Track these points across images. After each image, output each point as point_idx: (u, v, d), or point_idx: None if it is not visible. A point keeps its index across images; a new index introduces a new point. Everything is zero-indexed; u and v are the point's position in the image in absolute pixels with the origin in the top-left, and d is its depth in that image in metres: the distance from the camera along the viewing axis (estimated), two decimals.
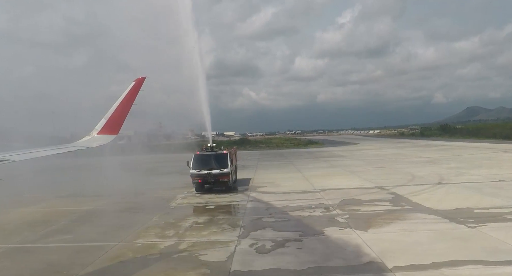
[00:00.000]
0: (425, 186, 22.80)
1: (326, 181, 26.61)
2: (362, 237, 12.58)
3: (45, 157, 8.88)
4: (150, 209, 19.35)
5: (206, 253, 11.62)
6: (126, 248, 12.54)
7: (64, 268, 10.85)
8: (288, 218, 16.03)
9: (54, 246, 13.26)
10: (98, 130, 11.32)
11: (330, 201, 19.03)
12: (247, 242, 12.59)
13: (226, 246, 12.25)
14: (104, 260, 11.44)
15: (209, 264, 10.59)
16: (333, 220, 15.30)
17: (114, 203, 21.75)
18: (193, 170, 22.82)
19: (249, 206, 18.88)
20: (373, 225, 14.17)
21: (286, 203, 19.20)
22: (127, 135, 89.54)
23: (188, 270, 10.20)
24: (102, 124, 11.38)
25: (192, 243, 12.79)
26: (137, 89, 11.68)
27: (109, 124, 11.30)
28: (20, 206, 21.64)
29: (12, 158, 7.87)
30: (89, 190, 26.74)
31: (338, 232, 13.41)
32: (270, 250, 11.66)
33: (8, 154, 8.08)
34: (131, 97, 11.57)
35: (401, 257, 10.53)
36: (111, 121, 11.33)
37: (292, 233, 13.45)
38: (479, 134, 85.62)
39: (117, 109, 11.42)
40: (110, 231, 15.00)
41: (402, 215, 15.59)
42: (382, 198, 19.44)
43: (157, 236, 13.96)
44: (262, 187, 25.02)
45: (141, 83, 11.81)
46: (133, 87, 11.73)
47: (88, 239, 14.03)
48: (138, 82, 11.82)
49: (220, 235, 13.76)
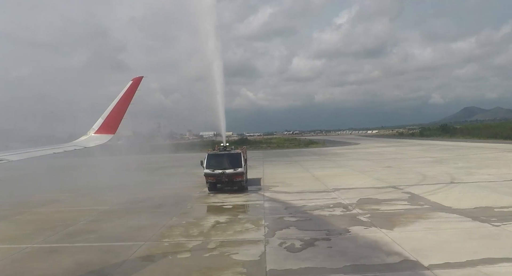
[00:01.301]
0: (438, 185, 22.86)
1: (337, 180, 26.63)
2: (390, 236, 12.60)
3: (42, 156, 8.88)
4: (167, 208, 19.30)
5: (237, 252, 11.59)
6: (155, 248, 12.49)
7: (97, 268, 10.79)
8: (309, 217, 16.03)
9: (80, 245, 13.19)
10: (96, 130, 11.32)
11: (347, 200, 19.04)
12: (275, 241, 12.57)
13: (255, 245, 12.24)
14: (135, 259, 11.39)
15: (243, 263, 10.57)
16: (356, 219, 15.31)
17: (128, 202, 21.69)
18: (207, 170, 22.79)
19: (267, 206, 18.86)
20: (397, 224, 14.19)
21: (303, 202, 19.20)
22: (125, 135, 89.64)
23: (223, 269, 10.17)
24: (99, 124, 11.36)
25: (219, 242, 12.75)
26: (134, 89, 11.66)
27: (106, 124, 11.29)
28: (34, 206, 21.57)
29: (9, 157, 7.84)
30: (99, 190, 26.67)
31: (364, 231, 13.42)
32: (301, 249, 11.65)
33: (5, 154, 8.05)
34: (128, 97, 11.55)
35: (434, 255, 10.54)
36: (108, 121, 11.32)
37: (318, 232, 13.45)
38: (479, 135, 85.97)
39: (114, 109, 11.41)
40: (133, 231, 14.93)
41: (424, 214, 15.62)
42: (399, 197, 19.48)
43: (182, 235, 13.92)
44: (274, 187, 25.00)
45: (138, 83, 11.78)
46: (130, 86, 11.71)
47: (112, 238, 13.98)
48: (135, 82, 11.79)
49: (246, 234, 13.74)
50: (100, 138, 11.08)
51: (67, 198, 24.29)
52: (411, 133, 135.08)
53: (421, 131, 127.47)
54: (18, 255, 12.40)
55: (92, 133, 11.27)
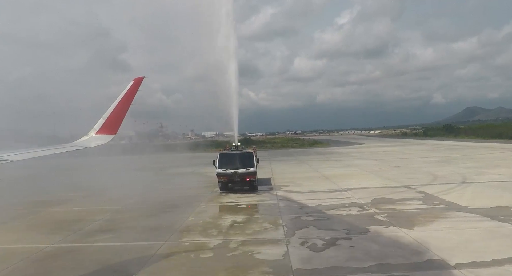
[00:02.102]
0: (450, 185, 22.80)
1: (348, 180, 26.59)
2: (411, 235, 12.55)
3: (44, 156, 8.86)
4: (181, 208, 19.29)
5: (259, 251, 11.56)
6: (175, 247, 12.46)
7: (120, 268, 10.78)
8: (326, 216, 15.99)
9: (100, 245, 13.17)
10: (97, 130, 11.28)
11: (361, 200, 19.00)
12: (296, 240, 12.53)
13: (277, 245, 12.20)
14: (158, 258, 11.36)
15: (268, 263, 10.53)
16: (373, 218, 15.26)
17: (140, 202, 21.68)
18: (219, 169, 22.77)
19: (282, 205, 18.83)
20: (417, 223, 14.14)
21: (317, 201, 19.17)
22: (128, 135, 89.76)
23: (249, 269, 10.15)
24: (100, 124, 11.32)
25: (240, 242, 12.72)
26: (135, 89, 11.62)
27: (108, 124, 11.26)
28: (48, 206, 21.60)
29: (10, 157, 7.83)
30: (108, 190, 26.65)
31: (384, 231, 13.38)
32: (324, 248, 11.61)
33: (6, 154, 8.03)
34: (129, 97, 11.51)
35: (459, 255, 10.49)
36: (109, 121, 11.29)
37: (338, 232, 13.41)
38: (484, 135, 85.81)
39: (116, 109, 11.37)
40: (150, 230, 14.92)
41: (442, 214, 15.57)
42: (413, 197, 19.43)
43: (201, 235, 13.89)
44: (285, 186, 24.98)
45: (139, 83, 11.72)
46: (132, 86, 11.66)
47: (131, 238, 13.96)
48: (137, 82, 11.74)
49: (265, 233, 13.71)
50: (101, 138, 11.06)
51: (77, 197, 24.31)
52: (414, 133, 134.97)
53: (425, 131, 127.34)
54: (39, 254, 12.37)
55: (93, 133, 11.25)
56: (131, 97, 11.50)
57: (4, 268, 11.10)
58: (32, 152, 8.67)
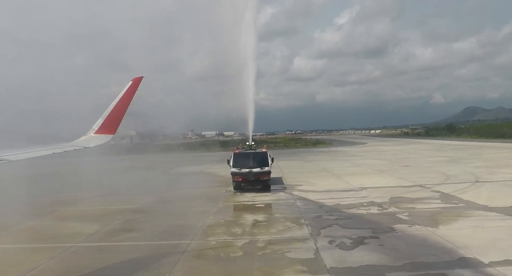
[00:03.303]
0: (464, 184, 22.83)
1: (360, 179, 26.61)
2: (438, 234, 12.58)
3: (42, 156, 8.88)
4: (199, 207, 19.30)
5: (289, 250, 11.58)
6: (203, 246, 12.48)
7: (151, 267, 10.73)
8: (347, 215, 16.01)
9: (126, 244, 13.18)
10: (95, 130, 11.33)
11: (379, 199, 19.03)
12: (323, 239, 12.55)
13: (305, 244, 12.23)
14: (189, 258, 11.36)
15: (301, 261, 10.54)
16: (395, 217, 15.29)
17: (156, 202, 21.70)
18: (234, 169, 22.79)
19: (300, 204, 18.85)
20: (440, 222, 14.17)
21: (335, 201, 19.20)
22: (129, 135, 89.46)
23: (283, 268, 10.16)
24: (99, 124, 11.37)
25: (267, 240, 12.73)
26: (134, 89, 11.65)
27: (106, 124, 11.30)
28: (62, 205, 21.58)
29: (8, 157, 7.84)
30: (120, 189, 26.71)
31: (409, 229, 13.41)
32: (353, 247, 11.64)
33: (5, 154, 8.03)
34: (128, 97, 11.55)
35: (490, 253, 10.52)
36: (108, 121, 11.33)
37: (363, 231, 13.44)
38: (487, 134, 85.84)
39: (114, 109, 11.41)
40: (173, 229, 14.93)
41: (463, 212, 15.62)
42: (430, 196, 19.46)
43: (226, 234, 13.90)
44: (299, 186, 25.01)
45: (138, 83, 11.77)
46: (130, 86, 11.69)
47: (156, 237, 13.97)
48: (135, 82, 11.76)
49: (290, 232, 13.73)
50: (100, 138, 11.10)
51: (90, 197, 24.28)
52: (416, 133, 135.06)
53: (427, 131, 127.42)
54: (65, 254, 12.33)
55: (92, 133, 11.29)
56: (130, 97, 11.54)
57: (34, 267, 11.11)
58: (31, 151, 8.69)
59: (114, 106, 11.43)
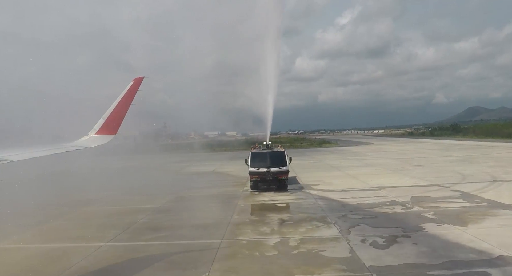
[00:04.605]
0: (482, 183, 22.80)
1: (376, 179, 26.59)
2: (468, 233, 12.58)
3: (43, 157, 8.89)
4: (220, 206, 19.35)
5: (323, 249, 11.59)
6: (236, 245, 12.50)
7: (188, 266, 10.76)
8: (372, 214, 16.01)
9: (157, 243, 13.18)
10: (97, 130, 11.33)
11: (400, 199, 19.02)
12: (355, 238, 12.56)
13: (337, 242, 12.24)
14: (224, 257, 11.36)
15: (339, 260, 10.55)
16: (421, 216, 15.28)
17: (175, 201, 21.74)
18: (252, 168, 22.80)
19: (321, 204, 18.85)
20: (468, 221, 14.16)
21: (356, 200, 19.21)
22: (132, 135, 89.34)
23: (322, 266, 10.16)
24: (100, 124, 11.37)
25: (298, 239, 12.74)
26: (135, 89, 11.65)
27: (107, 124, 11.30)
28: (81, 205, 21.54)
29: (10, 158, 7.86)
30: (135, 189, 26.70)
31: (439, 228, 13.40)
32: (387, 246, 11.65)
33: (6, 154, 8.05)
34: (129, 97, 11.54)
35: None
36: (109, 121, 11.33)
37: (392, 229, 13.43)
38: (493, 134, 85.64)
39: (115, 109, 11.41)
40: (200, 229, 14.92)
41: (488, 211, 15.61)
42: (451, 195, 19.45)
43: (255, 233, 13.91)
44: (315, 185, 25.00)
45: (139, 83, 11.76)
46: (132, 87, 11.69)
47: (185, 237, 13.98)
48: (137, 82, 11.76)
49: (319, 231, 13.75)
50: (101, 138, 11.10)
51: (106, 197, 24.21)
52: (421, 133, 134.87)
53: (431, 131, 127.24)
54: (98, 253, 12.34)
55: (93, 133, 11.29)
56: (131, 97, 11.54)
57: (69, 266, 11.13)
58: (32, 152, 8.70)
59: (115, 106, 11.45)
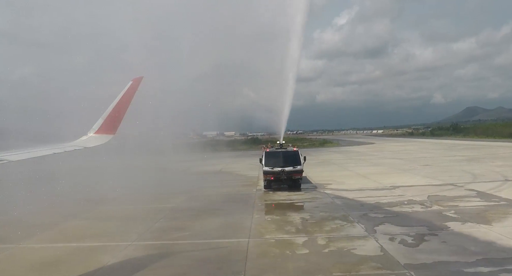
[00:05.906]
0: (495, 182, 22.93)
1: (387, 178, 26.70)
2: (495, 231, 12.67)
3: (43, 156, 8.92)
4: (237, 206, 19.37)
5: (354, 247, 11.65)
6: (264, 244, 12.55)
7: (223, 265, 10.78)
8: (393, 213, 16.09)
9: (184, 242, 13.21)
10: (95, 130, 11.35)
11: (417, 198, 19.11)
12: (382, 236, 12.62)
13: (366, 241, 12.30)
14: (256, 256, 11.37)
15: (372, 258, 10.60)
16: (443, 215, 15.36)
17: (190, 200, 21.74)
18: (266, 167, 22.86)
19: (339, 203, 18.92)
20: (491, 219, 14.26)
21: (373, 199, 19.29)
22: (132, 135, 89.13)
23: (357, 264, 10.21)
24: (99, 124, 11.39)
25: (326, 238, 12.79)
26: (134, 89, 11.68)
27: (106, 124, 11.32)
28: (97, 204, 21.49)
29: (9, 157, 7.88)
30: (148, 189, 26.56)
31: (463, 226, 13.49)
32: (417, 244, 11.72)
33: (5, 154, 8.06)
34: (128, 97, 11.57)
35: None
36: (108, 121, 11.35)
37: (418, 228, 13.49)
38: (494, 134, 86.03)
39: (114, 109, 11.43)
40: (223, 228, 14.96)
41: (509, 210, 15.71)
42: (467, 194, 19.56)
43: (280, 232, 13.96)
44: (328, 185, 25.07)
45: (138, 83, 11.81)
46: (131, 87, 11.71)
47: (210, 235, 13.98)
48: (136, 82, 11.79)
49: (345, 230, 13.81)
50: (100, 138, 11.11)
51: (119, 196, 24.12)
52: (421, 133, 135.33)
53: (432, 131, 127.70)
54: (127, 252, 12.33)
55: (92, 133, 11.30)
56: (130, 97, 11.57)
57: (99, 266, 11.14)
58: (31, 151, 8.71)
59: (114, 106, 11.46)
